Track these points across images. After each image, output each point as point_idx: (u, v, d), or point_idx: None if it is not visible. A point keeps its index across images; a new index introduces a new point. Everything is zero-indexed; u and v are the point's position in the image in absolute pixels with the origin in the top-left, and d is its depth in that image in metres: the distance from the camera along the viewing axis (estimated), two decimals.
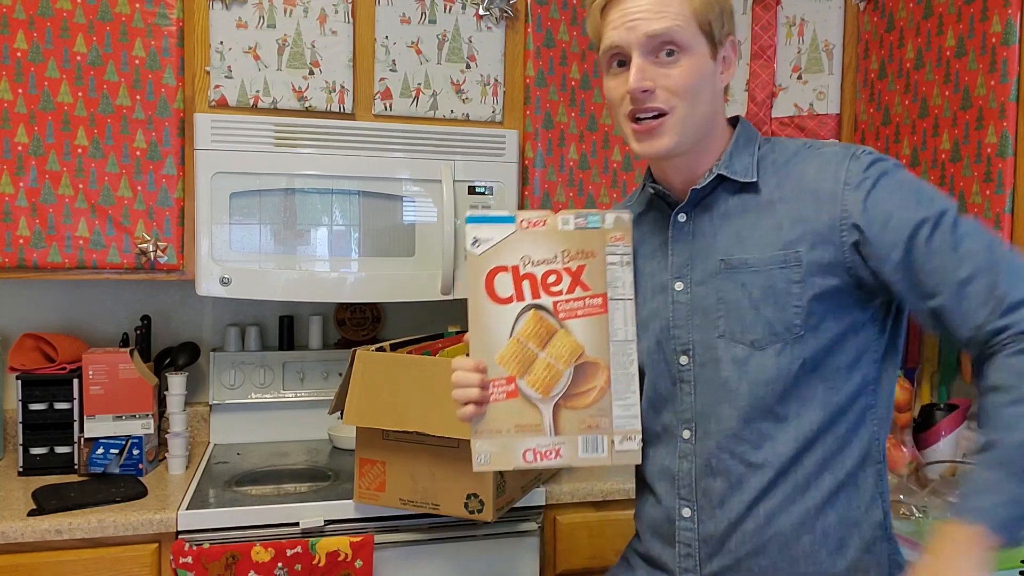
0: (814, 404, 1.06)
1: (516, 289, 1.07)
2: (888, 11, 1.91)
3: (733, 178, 1.10)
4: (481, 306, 1.08)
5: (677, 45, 1.04)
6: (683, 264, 1.12)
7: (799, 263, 1.04)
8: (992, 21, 1.60)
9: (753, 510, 1.08)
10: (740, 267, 1.07)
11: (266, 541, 1.67)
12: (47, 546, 1.63)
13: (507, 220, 1.08)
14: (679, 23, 1.04)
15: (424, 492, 1.69)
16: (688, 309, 1.11)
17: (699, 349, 1.10)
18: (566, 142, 2.13)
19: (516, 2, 2.09)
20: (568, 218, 1.10)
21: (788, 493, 1.07)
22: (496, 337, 1.08)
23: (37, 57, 1.82)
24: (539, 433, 1.08)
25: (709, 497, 1.10)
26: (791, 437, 1.06)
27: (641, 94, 1.04)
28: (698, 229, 1.12)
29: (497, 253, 1.08)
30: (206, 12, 1.92)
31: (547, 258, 1.08)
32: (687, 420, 1.11)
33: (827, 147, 1.10)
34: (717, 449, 1.09)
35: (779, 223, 1.07)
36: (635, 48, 1.04)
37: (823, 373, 1.06)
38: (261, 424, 2.25)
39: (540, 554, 1.84)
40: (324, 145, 1.92)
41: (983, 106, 1.62)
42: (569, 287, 1.09)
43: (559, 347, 1.08)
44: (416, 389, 1.62)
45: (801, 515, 1.07)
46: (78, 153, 1.86)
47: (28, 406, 1.92)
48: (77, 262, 1.87)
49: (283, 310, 2.34)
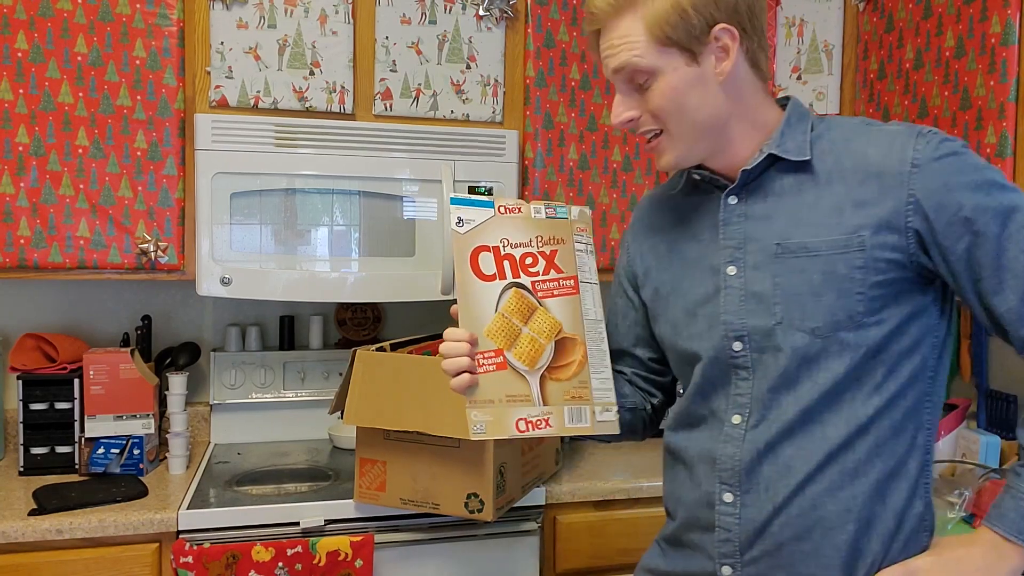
0: (872, 389, 1.03)
1: (498, 267, 1.13)
2: (888, 11, 1.91)
3: (785, 157, 1.05)
4: (467, 282, 1.12)
5: (643, 72, 1.05)
6: (736, 247, 1.09)
7: (863, 248, 1.00)
8: (991, 21, 1.60)
9: (799, 494, 1.04)
10: (798, 251, 1.03)
11: (266, 541, 1.67)
12: (48, 546, 1.63)
13: (487, 205, 1.15)
14: (636, 53, 1.03)
15: (424, 492, 1.69)
16: (741, 294, 1.07)
17: (755, 336, 1.06)
18: (566, 142, 2.13)
19: (516, 2, 2.09)
20: (540, 207, 1.17)
21: (836, 478, 1.04)
22: (484, 311, 1.12)
23: (38, 57, 1.82)
24: (528, 403, 1.12)
25: (756, 482, 1.07)
26: (843, 421, 1.03)
27: (627, 124, 1.09)
28: (751, 211, 1.08)
29: (479, 233, 1.13)
30: (206, 12, 1.92)
31: (523, 241, 1.15)
32: (742, 406, 1.08)
33: (889, 125, 1.05)
34: (773, 435, 1.05)
35: (839, 205, 1.02)
36: (615, 80, 1.09)
37: (884, 358, 1.03)
38: (261, 424, 2.25)
39: (540, 554, 1.85)
40: (324, 145, 1.92)
41: (982, 106, 1.62)
42: (544, 269, 1.15)
43: (540, 323, 1.13)
44: (416, 389, 1.62)
45: (847, 501, 1.03)
46: (79, 153, 1.86)
47: (29, 406, 1.92)
48: (78, 262, 1.87)
49: (283, 310, 2.34)
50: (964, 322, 2.10)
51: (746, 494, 1.07)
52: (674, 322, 1.16)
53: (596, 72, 2.14)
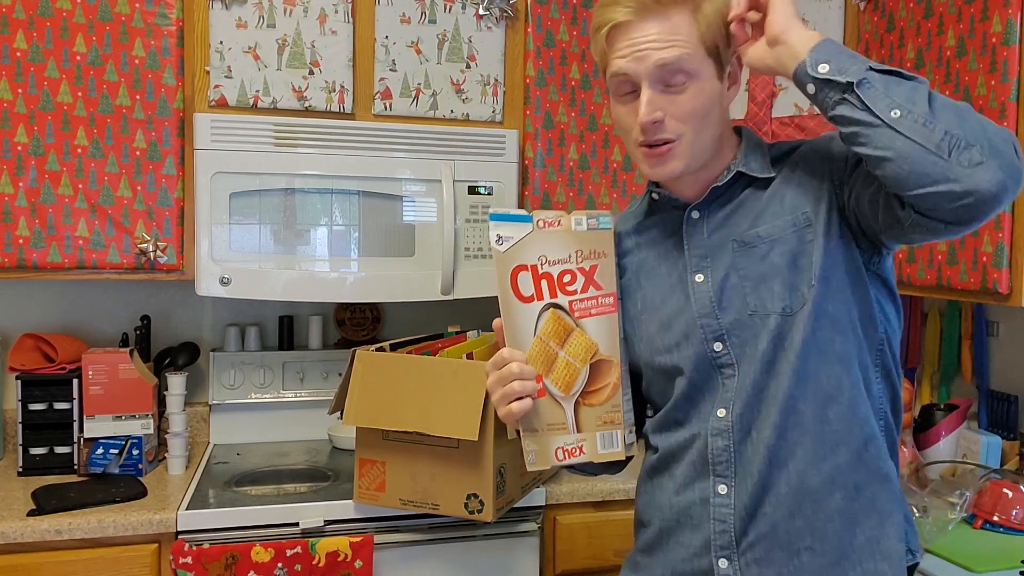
0: (831, 355, 1.07)
1: (536, 288, 1.10)
2: (888, 11, 1.91)
3: (751, 174, 1.12)
4: (509, 304, 1.10)
5: (686, 73, 1.05)
6: (702, 256, 1.13)
7: (809, 222, 1.08)
8: (992, 21, 1.60)
9: (784, 471, 1.07)
10: (755, 241, 1.10)
11: (266, 541, 1.67)
12: (47, 546, 1.63)
13: (526, 219, 1.10)
14: (688, 51, 1.04)
15: (424, 492, 1.69)
16: (712, 296, 1.11)
17: (733, 331, 1.10)
18: (566, 142, 2.12)
19: (516, 2, 2.09)
20: (581, 219, 1.13)
21: (817, 450, 1.07)
22: (525, 335, 1.10)
23: (37, 57, 1.82)
24: (564, 431, 1.11)
25: (743, 467, 1.09)
26: (812, 393, 1.07)
27: (651, 125, 1.06)
28: (712, 223, 1.14)
29: (518, 251, 1.10)
30: (206, 12, 1.92)
31: (562, 258, 1.11)
32: (726, 400, 1.10)
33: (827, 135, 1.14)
34: (756, 419, 1.08)
35: (784, 197, 1.11)
36: (644, 78, 1.05)
37: (838, 326, 1.07)
38: (261, 424, 2.25)
39: (540, 554, 1.84)
40: (324, 145, 1.92)
41: (983, 106, 1.62)
42: (583, 286, 1.12)
43: (576, 346, 1.11)
44: (416, 389, 1.62)
45: (831, 471, 1.07)
46: (78, 153, 1.85)
47: (28, 406, 1.92)
48: (77, 262, 1.87)
49: (283, 310, 2.34)
50: (964, 322, 2.09)
51: (740, 484, 1.09)
52: (649, 339, 1.16)
53: (596, 71, 2.13)
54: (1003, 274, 1.57)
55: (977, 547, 1.53)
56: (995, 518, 1.62)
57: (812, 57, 0.99)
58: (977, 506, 1.65)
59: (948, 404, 2.02)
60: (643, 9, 1.05)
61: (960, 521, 1.63)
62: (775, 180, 1.12)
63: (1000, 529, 1.62)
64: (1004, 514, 1.62)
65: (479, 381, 1.57)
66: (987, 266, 1.60)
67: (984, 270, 1.61)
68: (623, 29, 1.06)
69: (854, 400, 1.08)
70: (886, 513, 1.09)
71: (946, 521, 1.57)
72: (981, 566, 1.45)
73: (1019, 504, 1.61)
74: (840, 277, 1.08)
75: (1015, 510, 1.61)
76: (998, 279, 1.58)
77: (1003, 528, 1.61)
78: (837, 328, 1.07)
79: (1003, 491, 1.64)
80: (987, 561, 1.47)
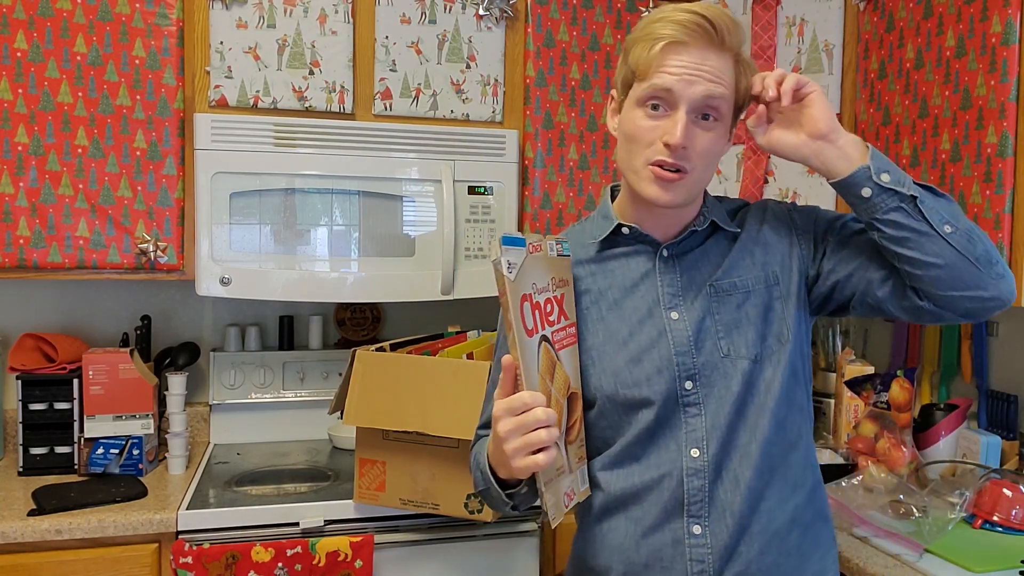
0: (795, 405, 1.16)
1: (533, 319, 1.01)
2: (888, 11, 1.91)
3: (724, 227, 1.19)
4: (522, 339, 0.97)
5: (718, 113, 1.09)
6: (675, 294, 1.16)
7: (778, 282, 1.17)
8: (992, 21, 1.60)
9: (757, 512, 1.12)
10: (731, 290, 1.16)
11: (266, 541, 1.67)
12: (47, 546, 1.63)
13: (522, 243, 1.01)
14: (728, 93, 1.09)
15: (424, 492, 1.69)
16: (688, 335, 1.14)
17: (705, 371, 1.13)
18: (566, 142, 2.13)
19: (516, 2, 2.09)
20: (552, 244, 1.09)
21: (783, 491, 1.14)
22: (534, 374, 0.99)
23: (37, 57, 1.82)
24: (564, 473, 1.06)
25: (720, 508, 1.11)
26: (782, 439, 1.14)
27: (681, 150, 1.07)
28: (682, 263, 1.18)
29: (521, 279, 1.00)
30: (206, 12, 1.92)
31: (544, 286, 1.05)
32: (697, 440, 1.12)
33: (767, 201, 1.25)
34: (732, 461, 1.12)
35: (753, 253, 1.19)
36: (686, 102, 1.06)
37: (797, 375, 1.17)
38: (261, 424, 2.25)
39: (540, 554, 1.84)
40: (324, 145, 1.92)
41: (983, 106, 1.62)
42: (558, 316, 1.07)
43: (559, 380, 1.05)
44: (416, 389, 1.62)
45: (792, 511, 1.14)
46: (78, 153, 1.86)
47: (28, 406, 1.92)
48: (77, 262, 1.87)
49: (283, 310, 2.34)
50: None
51: (715, 522, 1.11)
52: (615, 371, 1.14)
53: (596, 72, 2.13)
54: None
55: (977, 547, 1.53)
56: (995, 518, 1.62)
57: (875, 166, 1.06)
58: (977, 506, 1.65)
59: (948, 404, 2.02)
60: (707, 38, 1.07)
61: (960, 521, 1.63)
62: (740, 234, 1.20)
63: (1000, 529, 1.62)
64: (1004, 514, 1.62)
65: (479, 381, 1.57)
66: None
67: None
68: (679, 48, 1.07)
69: (808, 446, 1.18)
70: (826, 548, 1.20)
71: (946, 521, 1.57)
72: (980, 566, 1.45)
73: (1019, 504, 1.62)
74: (800, 334, 1.17)
75: (1015, 510, 1.61)
76: None
77: (1003, 528, 1.61)
78: (797, 379, 1.17)
79: (1003, 491, 1.64)
80: (986, 561, 1.47)
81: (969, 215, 1.63)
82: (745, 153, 2.09)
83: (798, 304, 1.18)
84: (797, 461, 1.16)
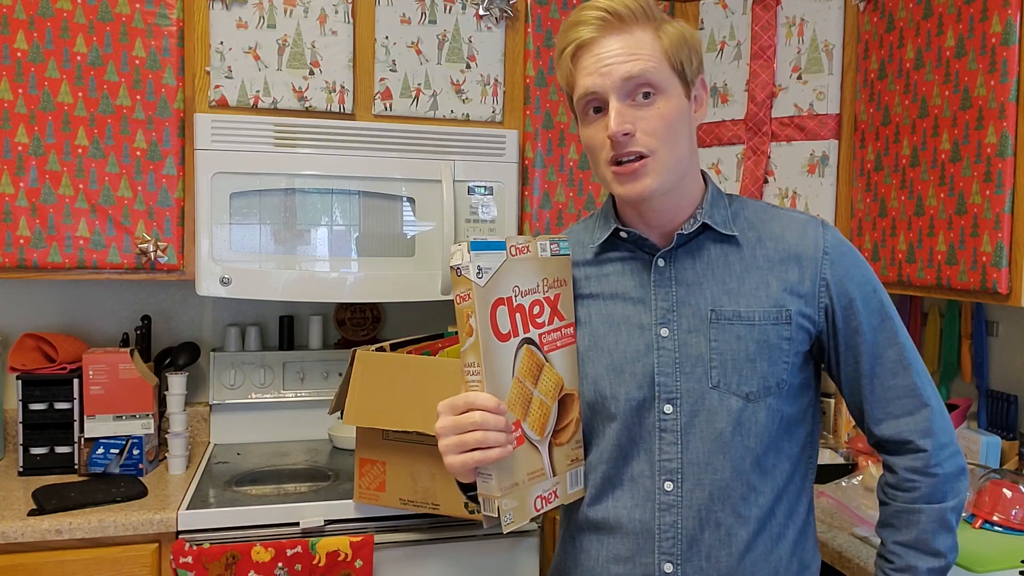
0: (783, 455, 1.11)
1: (512, 323, 1.00)
2: (888, 11, 1.91)
3: (716, 228, 1.11)
4: (489, 346, 0.97)
5: (653, 87, 1.04)
6: (668, 310, 1.10)
7: (789, 321, 1.09)
8: (992, 21, 1.60)
9: (741, 562, 1.08)
10: (734, 319, 1.09)
11: (266, 541, 1.67)
12: (47, 546, 1.63)
13: (500, 246, 1.00)
14: (653, 64, 1.04)
15: (424, 492, 1.69)
16: (676, 357, 1.09)
17: (688, 398, 1.08)
18: (566, 142, 2.13)
19: (516, 2, 2.09)
20: (545, 244, 1.07)
21: (767, 544, 1.10)
22: (504, 378, 0.99)
23: (37, 57, 1.82)
24: (543, 477, 1.04)
25: (698, 550, 1.08)
26: (770, 489, 1.10)
27: (622, 137, 1.03)
28: (680, 276, 1.12)
29: (496, 283, 0.99)
30: (206, 12, 1.92)
31: (532, 287, 1.04)
32: (671, 471, 1.08)
33: (792, 212, 1.16)
34: (710, 501, 1.07)
35: (767, 280, 1.10)
36: (612, 92, 1.04)
37: (789, 425, 1.12)
38: (261, 424, 2.25)
39: (540, 554, 1.84)
40: (324, 145, 1.92)
41: (983, 106, 1.62)
42: (549, 317, 1.06)
43: (547, 383, 1.04)
44: (416, 389, 1.62)
45: (775, 564, 1.10)
46: (78, 153, 1.86)
47: (28, 406, 1.92)
48: (77, 262, 1.87)
49: (283, 310, 2.34)
50: (964, 322, 2.09)
51: (687, 563, 1.08)
52: (595, 378, 1.12)
53: None
54: (1003, 274, 1.57)
55: (977, 547, 1.53)
56: (995, 518, 1.62)
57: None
58: (977, 506, 1.65)
59: (948, 404, 2.02)
60: (606, 26, 1.04)
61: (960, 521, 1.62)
62: (753, 248, 1.12)
63: (1000, 529, 1.62)
64: (1004, 514, 1.62)
65: None
66: (987, 266, 1.60)
67: (984, 270, 1.61)
68: (587, 48, 1.05)
69: (796, 497, 1.13)
70: None
71: None
72: (981, 566, 1.45)
73: (1019, 504, 1.61)
74: (800, 378, 1.12)
75: (1015, 510, 1.61)
76: (998, 279, 1.58)
77: (1003, 528, 1.61)
78: (793, 431, 1.12)
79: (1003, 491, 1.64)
80: (987, 561, 1.47)
81: (969, 215, 1.63)
82: (745, 153, 2.09)
83: (805, 356, 1.12)
84: (784, 511, 1.11)
